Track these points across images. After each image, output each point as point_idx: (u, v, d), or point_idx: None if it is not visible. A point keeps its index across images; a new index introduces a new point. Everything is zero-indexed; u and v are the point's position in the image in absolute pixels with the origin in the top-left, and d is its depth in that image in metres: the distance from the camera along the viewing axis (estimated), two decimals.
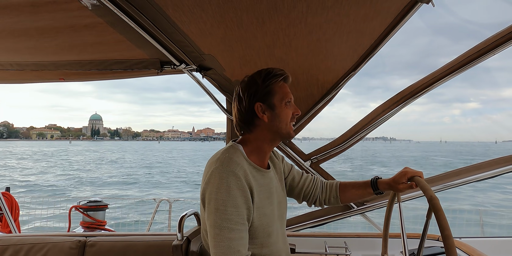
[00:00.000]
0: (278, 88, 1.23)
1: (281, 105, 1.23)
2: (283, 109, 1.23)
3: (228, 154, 1.16)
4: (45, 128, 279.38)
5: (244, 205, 1.10)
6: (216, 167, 1.11)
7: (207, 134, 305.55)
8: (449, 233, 0.90)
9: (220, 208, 1.06)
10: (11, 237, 1.82)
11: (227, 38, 1.49)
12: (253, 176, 1.17)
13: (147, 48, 1.68)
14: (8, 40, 1.61)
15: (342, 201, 1.45)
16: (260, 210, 1.16)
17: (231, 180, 1.08)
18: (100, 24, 1.39)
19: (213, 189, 1.08)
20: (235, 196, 1.07)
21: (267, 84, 1.22)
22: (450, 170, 2.04)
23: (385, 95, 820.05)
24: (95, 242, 1.76)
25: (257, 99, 1.21)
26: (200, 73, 1.96)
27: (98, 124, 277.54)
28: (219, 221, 1.05)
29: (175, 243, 1.26)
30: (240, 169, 1.12)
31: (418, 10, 1.31)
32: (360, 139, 2.10)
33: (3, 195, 3.17)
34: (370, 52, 1.63)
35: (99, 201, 3.31)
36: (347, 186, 1.44)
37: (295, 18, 1.30)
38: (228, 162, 1.12)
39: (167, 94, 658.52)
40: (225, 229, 1.05)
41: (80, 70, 2.01)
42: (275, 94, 1.22)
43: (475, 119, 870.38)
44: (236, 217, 1.07)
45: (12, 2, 1.23)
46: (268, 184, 1.24)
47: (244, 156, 1.20)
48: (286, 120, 1.24)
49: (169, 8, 1.23)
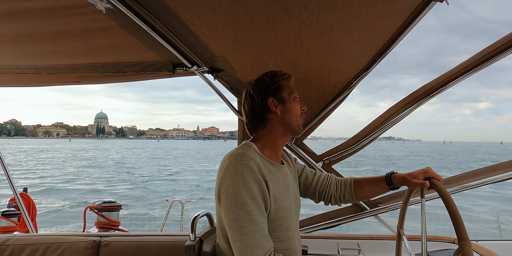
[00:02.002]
0: (285, 84, 1.33)
1: (291, 99, 1.31)
2: (292, 103, 1.31)
3: (240, 150, 1.19)
4: (51, 126, 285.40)
5: (261, 196, 1.11)
6: (230, 162, 1.14)
7: (212, 133, 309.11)
8: (465, 236, 0.89)
9: (240, 201, 1.07)
10: (28, 236, 1.86)
11: (238, 40, 1.50)
12: (269, 170, 1.20)
13: (159, 51, 1.70)
14: (26, 44, 1.65)
15: (357, 198, 1.45)
16: (278, 203, 1.17)
17: (246, 172, 1.10)
18: (113, 27, 1.41)
19: (229, 183, 1.10)
20: (251, 188, 1.09)
21: (276, 81, 1.31)
22: (466, 171, 2.00)
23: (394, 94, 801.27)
24: (109, 242, 1.78)
25: (269, 95, 1.29)
26: (212, 74, 1.97)
27: (104, 122, 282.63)
28: (241, 213, 1.07)
29: (188, 243, 1.27)
30: (254, 163, 1.14)
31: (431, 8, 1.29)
32: (373, 140, 2.08)
33: (21, 195, 3.24)
34: (383, 52, 1.61)
35: (113, 202, 3.36)
36: (361, 182, 1.44)
37: (306, 19, 1.30)
38: (241, 157, 1.15)
39: (175, 93, 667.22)
40: (247, 221, 1.06)
41: (94, 73, 2.05)
42: (283, 90, 1.31)
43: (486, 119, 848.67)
44: (255, 208, 1.08)
45: (29, 8, 1.26)
46: (284, 178, 1.27)
47: (257, 151, 1.23)
48: (296, 113, 1.31)
49: (181, 10, 1.24)
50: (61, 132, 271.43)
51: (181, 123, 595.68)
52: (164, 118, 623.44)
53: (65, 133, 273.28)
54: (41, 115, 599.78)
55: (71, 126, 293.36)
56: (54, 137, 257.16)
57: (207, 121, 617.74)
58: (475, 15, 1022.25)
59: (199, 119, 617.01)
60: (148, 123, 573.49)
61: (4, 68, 2.04)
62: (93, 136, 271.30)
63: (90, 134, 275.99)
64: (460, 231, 0.90)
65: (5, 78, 2.24)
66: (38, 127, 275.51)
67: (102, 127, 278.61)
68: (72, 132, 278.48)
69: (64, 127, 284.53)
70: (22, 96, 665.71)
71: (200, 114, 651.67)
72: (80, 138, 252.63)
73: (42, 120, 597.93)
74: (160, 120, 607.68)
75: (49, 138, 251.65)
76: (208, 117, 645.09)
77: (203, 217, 1.48)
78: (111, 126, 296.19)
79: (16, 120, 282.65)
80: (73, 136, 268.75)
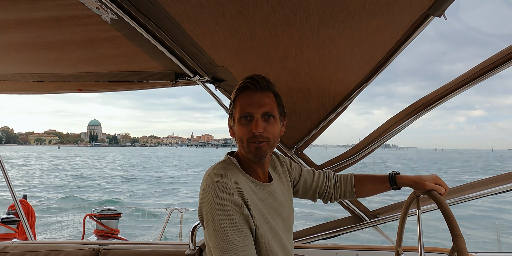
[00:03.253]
0: (241, 101, 1.13)
1: (238, 122, 1.13)
2: (239, 126, 1.12)
3: (218, 169, 1.09)
4: (43, 134, 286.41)
5: (243, 220, 1.03)
6: (206, 185, 1.05)
7: (206, 140, 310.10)
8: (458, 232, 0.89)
9: (219, 230, 1.00)
10: (27, 244, 1.86)
11: (240, 51, 1.52)
12: (252, 190, 1.11)
13: (162, 60, 1.73)
14: (31, 52, 1.68)
15: (357, 195, 1.42)
16: (263, 226, 1.10)
17: (223, 197, 1.01)
18: (118, 37, 1.44)
19: (208, 210, 1.02)
20: (230, 214, 1.01)
21: (235, 97, 1.15)
22: (464, 183, 2.00)
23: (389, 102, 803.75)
24: (108, 250, 1.78)
25: (230, 113, 1.18)
26: (213, 84, 1.99)
27: (97, 129, 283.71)
28: (221, 243, 1.00)
29: (188, 252, 1.27)
30: (232, 184, 1.04)
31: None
32: (372, 151, 2.09)
33: (21, 202, 3.24)
34: (382, 64, 1.64)
35: (113, 210, 3.36)
36: (362, 180, 1.41)
37: (307, 31, 1.33)
38: (218, 178, 1.05)
39: (171, 100, 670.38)
40: (228, 251, 0.99)
41: (97, 81, 2.07)
42: (235, 109, 1.14)
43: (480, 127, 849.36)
44: (236, 235, 1.01)
45: (36, 17, 1.29)
46: (269, 198, 1.18)
47: (239, 169, 1.14)
48: (241, 138, 1.12)
49: (185, 21, 1.27)
50: (53, 140, 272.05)
51: (176, 130, 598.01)
52: (159, 126, 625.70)
53: (57, 140, 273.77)
54: (34, 122, 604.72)
55: (64, 134, 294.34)
56: (46, 145, 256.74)
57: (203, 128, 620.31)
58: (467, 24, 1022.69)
59: (195, 127, 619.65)
60: (144, 131, 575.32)
61: (8, 75, 2.06)
62: (86, 143, 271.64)
63: (83, 141, 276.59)
64: (453, 228, 0.90)
65: (9, 86, 2.27)
66: (30, 134, 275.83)
67: (95, 134, 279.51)
68: (65, 140, 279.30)
69: (57, 135, 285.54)
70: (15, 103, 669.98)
71: (196, 121, 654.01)
72: (72, 146, 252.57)
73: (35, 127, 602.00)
74: (155, 128, 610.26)
75: (40, 145, 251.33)
76: (204, 124, 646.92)
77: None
78: (104, 133, 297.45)
79: (8, 127, 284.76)
80: (65, 143, 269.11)
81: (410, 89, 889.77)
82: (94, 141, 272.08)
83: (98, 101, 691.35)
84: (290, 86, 1.82)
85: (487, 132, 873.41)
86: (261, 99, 1.13)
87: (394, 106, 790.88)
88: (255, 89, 1.13)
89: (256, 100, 1.12)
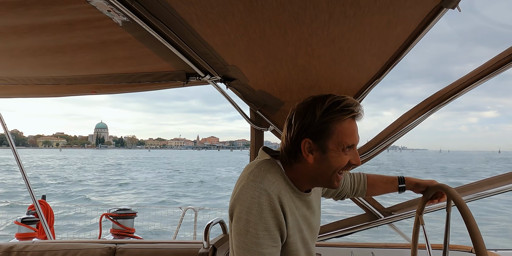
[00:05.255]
0: (340, 127, 1.02)
1: (338, 150, 1.02)
2: (338, 154, 1.03)
3: (263, 169, 1.04)
4: (51, 137, 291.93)
5: (277, 227, 1.01)
6: (247, 183, 1.01)
7: (211, 142, 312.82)
8: (483, 245, 0.88)
9: (251, 231, 0.97)
10: (47, 243, 1.90)
11: (250, 49, 1.52)
12: (290, 197, 1.07)
13: (173, 61, 1.74)
14: (45, 57, 1.72)
15: (368, 193, 1.48)
16: (296, 235, 1.08)
17: (263, 200, 0.98)
18: (129, 39, 1.46)
19: (243, 208, 0.99)
20: (266, 218, 0.98)
21: (327, 120, 1.02)
22: (483, 179, 1.96)
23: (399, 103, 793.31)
24: (125, 249, 1.81)
25: (307, 135, 1.03)
26: (224, 83, 2.00)
27: (103, 132, 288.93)
28: (250, 244, 0.98)
29: (202, 251, 1.28)
30: (275, 189, 1.00)
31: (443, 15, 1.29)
32: (386, 148, 2.06)
33: (40, 203, 3.32)
34: (394, 60, 1.62)
35: (128, 209, 3.41)
36: (376, 181, 1.47)
37: (317, 28, 1.32)
38: (262, 178, 1.01)
39: (179, 103, 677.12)
40: (255, 253, 0.98)
41: (110, 83, 2.11)
42: (332, 135, 1.02)
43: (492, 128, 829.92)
44: (267, 240, 0.99)
45: (50, 22, 1.31)
46: (304, 207, 1.15)
47: (282, 173, 1.08)
48: (335, 168, 1.04)
49: (195, 22, 1.28)
50: (61, 142, 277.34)
51: (184, 133, 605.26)
52: (168, 128, 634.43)
53: (65, 143, 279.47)
54: (43, 125, 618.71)
55: (71, 136, 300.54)
56: (54, 147, 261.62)
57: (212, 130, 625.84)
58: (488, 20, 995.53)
59: (204, 129, 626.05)
60: (153, 133, 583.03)
61: (25, 79, 2.11)
62: (92, 146, 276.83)
63: (90, 144, 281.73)
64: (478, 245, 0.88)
65: (26, 89, 2.32)
66: (38, 137, 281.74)
67: (101, 137, 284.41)
68: (72, 142, 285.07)
69: (64, 137, 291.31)
70: (26, 106, 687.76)
71: (205, 124, 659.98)
72: (79, 148, 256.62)
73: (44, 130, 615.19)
74: (165, 130, 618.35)
75: (48, 148, 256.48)
76: (212, 126, 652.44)
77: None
78: (111, 136, 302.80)
79: (18, 130, 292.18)
80: (72, 146, 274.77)
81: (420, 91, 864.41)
82: (101, 144, 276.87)
83: (108, 104, 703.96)
84: (301, 84, 1.82)
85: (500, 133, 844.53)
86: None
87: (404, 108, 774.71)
88: (354, 118, 1.06)
89: (357, 130, 1.06)
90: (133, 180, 27.31)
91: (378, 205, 2.17)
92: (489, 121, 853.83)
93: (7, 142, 2.80)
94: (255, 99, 2.13)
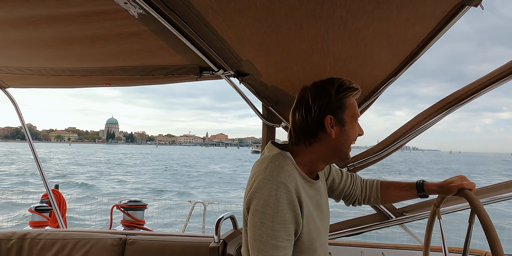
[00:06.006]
0: (351, 103, 1.17)
1: (352, 122, 1.16)
2: (352, 126, 1.16)
3: (278, 163, 1.08)
4: (64, 131, 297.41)
5: (292, 220, 1.03)
6: (265, 177, 1.04)
7: (220, 139, 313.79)
8: (500, 249, 0.85)
9: (267, 223, 1.00)
10: (59, 231, 1.94)
11: (265, 44, 1.51)
12: (303, 187, 1.10)
13: (187, 55, 1.74)
14: (61, 47, 1.73)
15: (382, 202, 1.41)
16: (310, 225, 1.10)
17: (281, 194, 1.01)
18: (145, 32, 1.46)
19: (260, 201, 1.02)
20: (283, 211, 1.01)
21: (341, 97, 1.14)
22: (499, 182, 1.92)
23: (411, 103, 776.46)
24: (135, 240, 1.83)
25: (328, 112, 1.13)
26: (238, 78, 1.99)
27: (114, 128, 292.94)
28: (265, 236, 1.00)
29: (212, 245, 1.29)
30: (292, 181, 1.04)
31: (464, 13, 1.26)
32: (400, 147, 2.03)
33: (53, 192, 3.38)
34: (412, 58, 1.58)
35: (139, 201, 3.45)
36: (389, 186, 1.40)
37: (334, 24, 1.29)
38: (278, 172, 1.04)
39: (190, 100, 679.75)
40: (269, 246, 1.00)
41: (124, 76, 2.12)
42: (346, 109, 1.15)
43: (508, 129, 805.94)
44: (282, 233, 1.01)
45: (66, 13, 1.32)
46: (316, 195, 1.18)
47: (294, 165, 1.13)
48: (351, 139, 1.16)
49: (210, 15, 1.27)
50: (72, 137, 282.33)
51: (194, 129, 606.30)
52: (179, 125, 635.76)
53: (76, 137, 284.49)
54: (56, 120, 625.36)
55: (83, 131, 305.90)
56: (66, 142, 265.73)
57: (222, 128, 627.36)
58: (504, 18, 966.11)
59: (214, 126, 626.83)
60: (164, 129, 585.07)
61: (41, 70, 2.14)
62: (103, 141, 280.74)
63: (100, 139, 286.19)
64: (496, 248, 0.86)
65: (42, 80, 2.36)
66: (51, 131, 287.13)
67: (112, 132, 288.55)
68: (83, 137, 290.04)
69: (76, 132, 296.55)
70: (41, 101, 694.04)
71: (215, 121, 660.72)
72: (90, 143, 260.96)
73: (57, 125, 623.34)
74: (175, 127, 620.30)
75: (60, 142, 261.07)
76: (222, 124, 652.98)
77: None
78: (121, 131, 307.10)
79: (31, 124, 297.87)
80: (83, 140, 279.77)
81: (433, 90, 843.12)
82: (111, 139, 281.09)
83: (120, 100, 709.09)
84: (314, 80, 1.80)
85: None
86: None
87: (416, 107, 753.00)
88: (356, 96, 1.20)
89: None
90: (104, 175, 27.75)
91: (389, 205, 2.14)
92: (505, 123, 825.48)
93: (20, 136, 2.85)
94: (268, 95, 2.12)
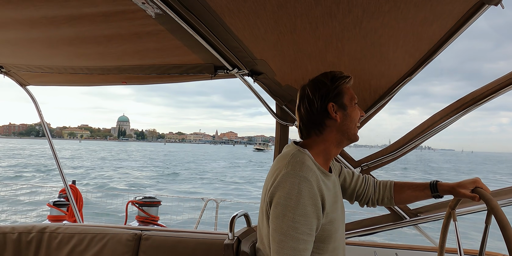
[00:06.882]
0: (346, 89, 1.27)
1: (352, 105, 1.26)
2: (353, 109, 1.26)
3: (299, 158, 1.13)
4: (76, 128, 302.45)
5: (314, 214, 1.07)
6: (287, 172, 1.09)
7: (230, 137, 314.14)
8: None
9: (288, 215, 1.03)
10: (77, 226, 1.99)
11: (280, 43, 1.51)
12: (322, 181, 1.15)
13: (202, 54, 1.76)
14: (80, 46, 1.78)
15: (396, 202, 1.42)
16: (330, 216, 1.14)
17: (303, 187, 1.05)
18: (161, 31, 1.49)
19: (282, 194, 1.06)
20: (305, 204, 1.04)
21: (336, 85, 1.25)
22: None
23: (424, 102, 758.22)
24: (150, 236, 1.87)
25: (329, 100, 1.23)
26: (252, 77, 2.00)
27: (125, 125, 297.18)
28: (286, 227, 1.03)
29: (227, 242, 1.30)
30: (313, 175, 1.09)
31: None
32: (415, 147, 2.00)
33: (70, 187, 3.47)
34: (428, 57, 1.56)
35: (153, 198, 3.50)
36: (403, 186, 1.41)
37: (349, 23, 1.29)
38: (300, 167, 1.10)
39: (201, 98, 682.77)
40: (290, 237, 1.03)
41: (140, 74, 2.15)
42: (345, 95, 1.25)
43: None
44: (303, 226, 1.04)
45: (87, 13, 1.36)
46: (333, 188, 1.23)
47: (312, 160, 1.18)
48: (355, 120, 1.26)
49: (226, 15, 1.28)
50: (84, 134, 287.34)
51: (205, 127, 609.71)
52: (190, 123, 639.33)
53: (88, 135, 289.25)
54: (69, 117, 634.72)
55: (95, 128, 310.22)
56: (78, 139, 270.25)
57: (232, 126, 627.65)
58: None
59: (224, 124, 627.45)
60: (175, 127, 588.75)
61: (60, 68, 2.20)
62: (114, 138, 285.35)
63: (112, 136, 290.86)
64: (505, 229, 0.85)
65: (60, 78, 2.42)
66: (64, 129, 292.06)
67: (123, 130, 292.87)
68: (95, 134, 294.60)
69: (88, 129, 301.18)
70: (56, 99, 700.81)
71: (226, 119, 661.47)
72: (102, 140, 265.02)
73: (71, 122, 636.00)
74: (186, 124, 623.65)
75: (73, 139, 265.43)
76: (233, 122, 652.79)
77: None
78: (132, 129, 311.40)
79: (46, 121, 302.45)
80: (95, 138, 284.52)
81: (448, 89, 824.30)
82: (122, 136, 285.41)
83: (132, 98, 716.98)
84: None
85: None
86: None
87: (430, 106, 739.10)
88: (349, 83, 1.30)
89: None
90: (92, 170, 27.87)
91: (403, 206, 2.12)
92: None
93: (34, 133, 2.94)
94: (282, 93, 2.12)
